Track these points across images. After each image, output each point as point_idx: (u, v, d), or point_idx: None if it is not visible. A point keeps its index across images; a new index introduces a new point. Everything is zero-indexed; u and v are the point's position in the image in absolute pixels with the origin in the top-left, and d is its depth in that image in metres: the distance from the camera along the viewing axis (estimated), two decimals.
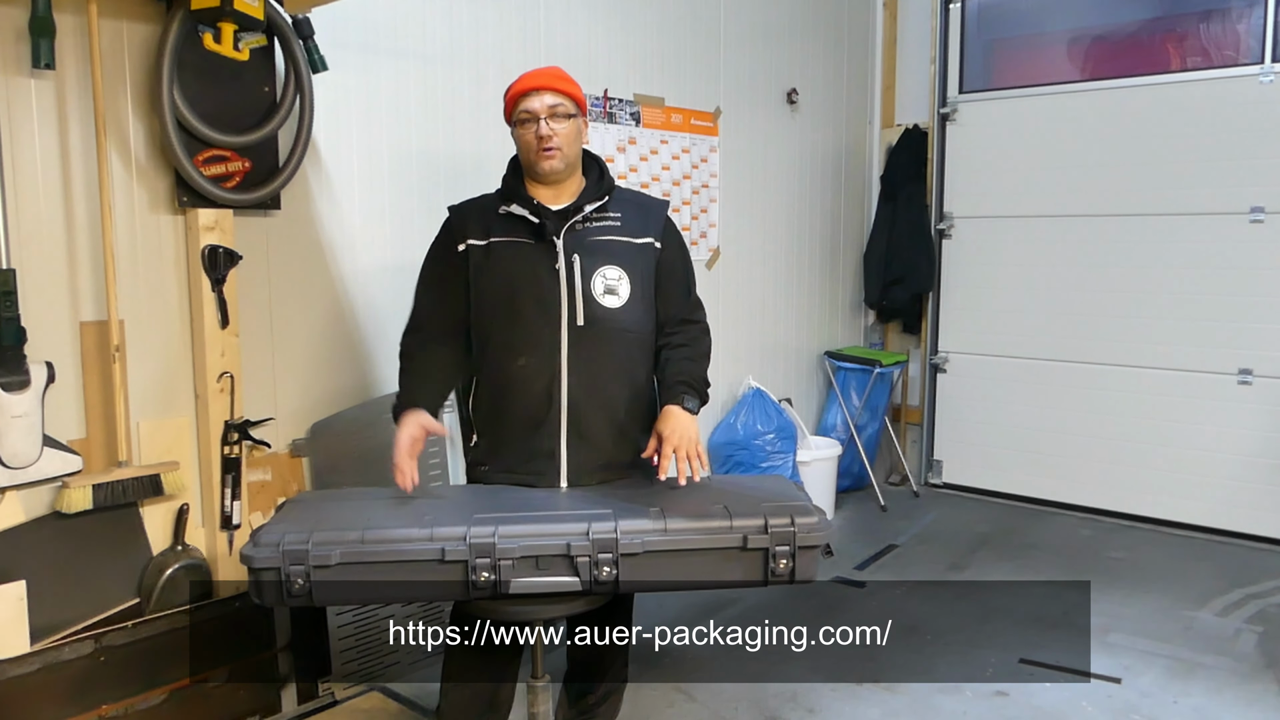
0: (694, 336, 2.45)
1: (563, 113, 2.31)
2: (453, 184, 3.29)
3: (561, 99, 2.31)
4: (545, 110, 2.29)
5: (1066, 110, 4.89)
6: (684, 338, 2.43)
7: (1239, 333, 4.50)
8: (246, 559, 1.94)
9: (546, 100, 2.29)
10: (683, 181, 4.33)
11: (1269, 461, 4.47)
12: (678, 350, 2.41)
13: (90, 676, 2.54)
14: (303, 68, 2.80)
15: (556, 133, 2.30)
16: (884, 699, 3.06)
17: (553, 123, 2.29)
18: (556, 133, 2.30)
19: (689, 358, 2.40)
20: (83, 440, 2.58)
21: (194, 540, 2.80)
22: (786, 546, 2.04)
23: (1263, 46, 4.35)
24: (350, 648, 3.06)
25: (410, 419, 2.30)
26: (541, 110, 2.29)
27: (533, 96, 2.30)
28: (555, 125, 2.30)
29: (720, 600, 3.79)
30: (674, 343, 2.42)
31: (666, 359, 2.40)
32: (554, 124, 2.30)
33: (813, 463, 4.70)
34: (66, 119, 2.49)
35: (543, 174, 2.33)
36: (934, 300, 5.41)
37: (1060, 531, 4.73)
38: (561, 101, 2.31)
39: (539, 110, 2.29)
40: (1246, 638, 3.50)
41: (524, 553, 1.99)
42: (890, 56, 5.55)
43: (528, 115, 2.30)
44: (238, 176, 2.74)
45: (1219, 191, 4.49)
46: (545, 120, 2.29)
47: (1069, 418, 5.00)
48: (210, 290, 2.72)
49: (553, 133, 2.29)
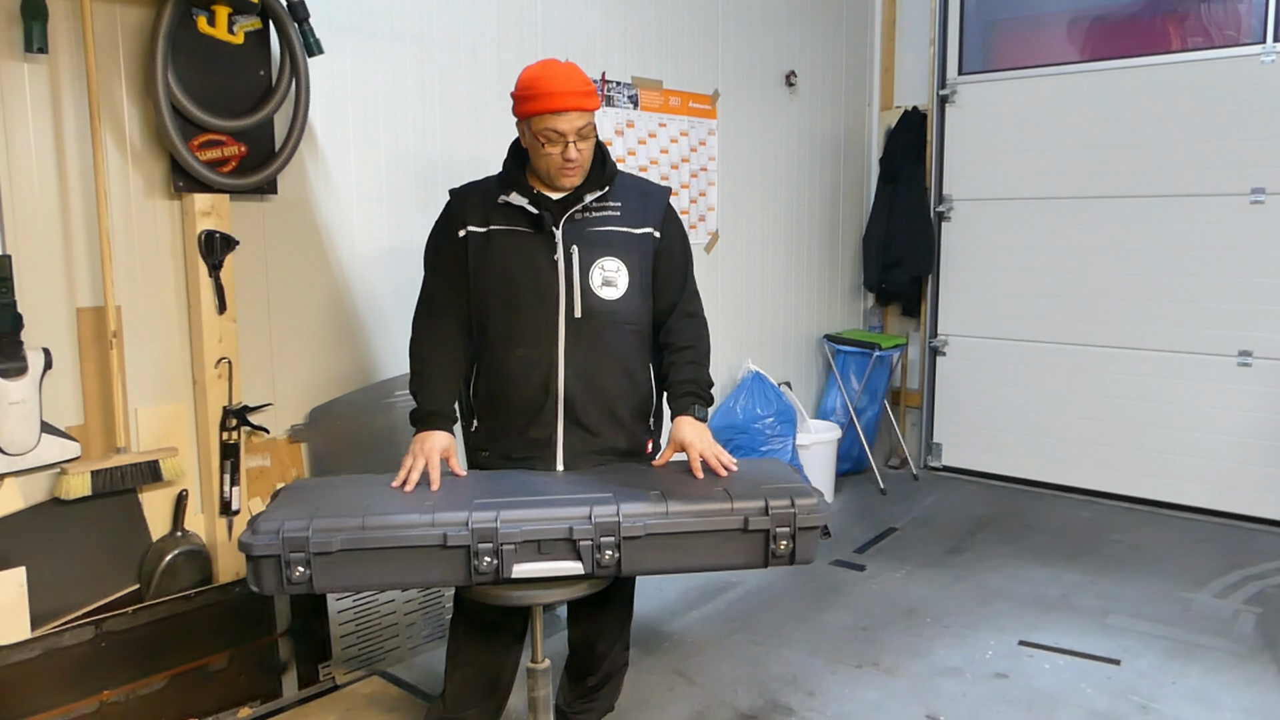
0: (697, 334, 2.45)
1: (588, 132, 2.25)
2: (449, 167, 3.28)
3: (587, 118, 2.24)
4: (574, 133, 2.22)
5: (1066, 92, 4.87)
6: (688, 337, 2.43)
7: (1239, 314, 4.50)
8: (245, 546, 1.94)
9: (576, 123, 2.21)
10: (681, 165, 4.31)
11: (1268, 443, 4.47)
12: (682, 353, 2.41)
13: (91, 662, 2.55)
14: (298, 51, 2.77)
15: (583, 152, 2.26)
16: (884, 681, 3.07)
17: (580, 144, 2.24)
18: (583, 152, 2.26)
19: (693, 361, 2.41)
20: (81, 427, 2.58)
21: (193, 526, 2.79)
22: (787, 528, 2.05)
23: (1264, 26, 4.33)
24: (351, 633, 3.06)
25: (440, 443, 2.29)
26: (570, 133, 2.22)
27: (561, 118, 2.20)
28: (581, 145, 2.25)
29: (720, 584, 3.80)
30: (677, 343, 2.42)
31: (671, 362, 2.41)
32: (580, 145, 2.24)
33: (812, 446, 4.70)
34: (60, 104, 2.48)
35: (562, 188, 2.31)
36: (933, 283, 5.40)
37: (1059, 514, 4.74)
38: (588, 121, 2.24)
39: (568, 133, 2.22)
40: (1245, 619, 3.51)
41: (526, 537, 1.98)
42: (889, 38, 5.52)
43: (556, 135, 2.22)
44: (234, 161, 2.73)
45: (1219, 173, 4.48)
46: (574, 143, 2.23)
47: (1068, 400, 5.00)
48: (207, 275, 2.71)
49: (580, 153, 2.25)
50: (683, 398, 2.36)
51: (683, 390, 2.36)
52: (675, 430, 2.33)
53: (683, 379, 2.38)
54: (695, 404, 2.34)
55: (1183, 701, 2.93)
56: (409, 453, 2.28)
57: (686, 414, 2.33)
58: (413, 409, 2.38)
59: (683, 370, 2.39)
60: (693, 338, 2.43)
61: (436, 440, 2.29)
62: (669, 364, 2.41)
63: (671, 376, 2.40)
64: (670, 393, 2.40)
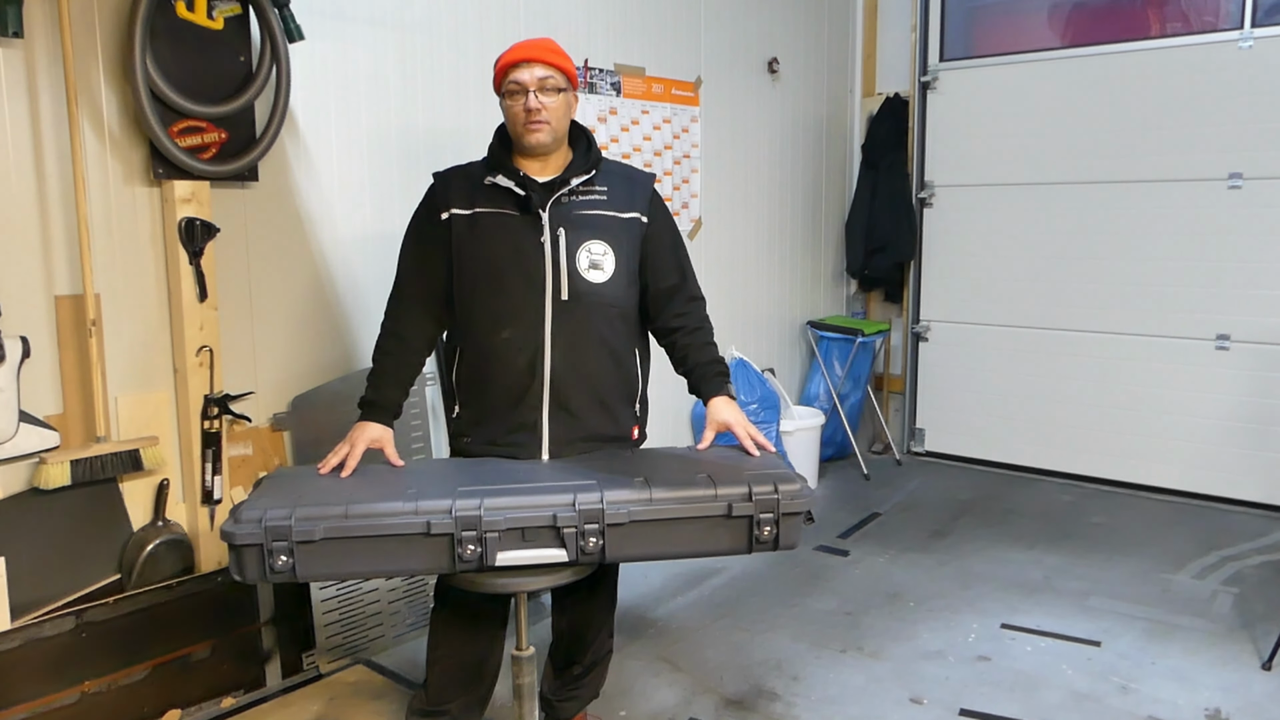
0: (703, 318, 2.49)
1: (553, 86, 2.27)
2: (432, 153, 3.26)
3: (552, 72, 2.27)
4: (535, 83, 2.25)
5: (1046, 77, 4.89)
6: (695, 319, 2.46)
7: (1217, 298, 4.53)
8: (227, 535, 1.92)
9: (537, 73, 2.25)
10: (664, 152, 4.30)
11: (1245, 426, 4.52)
12: (695, 334, 2.44)
13: (72, 653, 2.53)
14: (279, 36, 2.75)
15: (545, 106, 2.26)
16: (868, 665, 3.09)
17: (542, 96, 2.26)
18: (545, 106, 2.26)
19: (709, 342, 2.46)
20: (60, 416, 2.56)
21: (175, 515, 2.78)
22: (770, 514, 2.05)
23: (1242, 12, 4.35)
24: (334, 621, 3.06)
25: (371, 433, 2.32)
26: (531, 83, 2.25)
27: (523, 68, 2.25)
28: (545, 98, 2.26)
29: (705, 570, 3.82)
30: (689, 325, 2.44)
31: (687, 345, 2.43)
32: (543, 97, 2.26)
33: (796, 432, 4.72)
34: (36, 89, 2.45)
35: (529, 146, 2.31)
36: (915, 269, 5.43)
37: (1041, 497, 4.78)
38: (552, 74, 2.27)
39: (528, 83, 2.25)
40: (1222, 599, 3.55)
41: (510, 525, 1.98)
42: (871, 25, 5.52)
43: (516, 87, 2.26)
44: (214, 147, 2.71)
45: (1198, 158, 4.51)
46: (534, 93, 2.25)
47: (1049, 384, 5.04)
48: (188, 263, 2.69)
49: (541, 105, 2.25)
50: (714, 379, 2.40)
51: (711, 371, 2.41)
52: (714, 411, 2.37)
53: (706, 360, 2.42)
54: (727, 384, 2.40)
55: (1162, 681, 2.97)
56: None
57: (722, 394, 2.38)
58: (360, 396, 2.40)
59: (704, 351, 2.43)
60: (701, 321, 2.47)
61: (367, 430, 2.32)
62: (685, 345, 2.44)
63: (693, 358, 2.43)
64: (697, 374, 2.43)
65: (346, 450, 2.26)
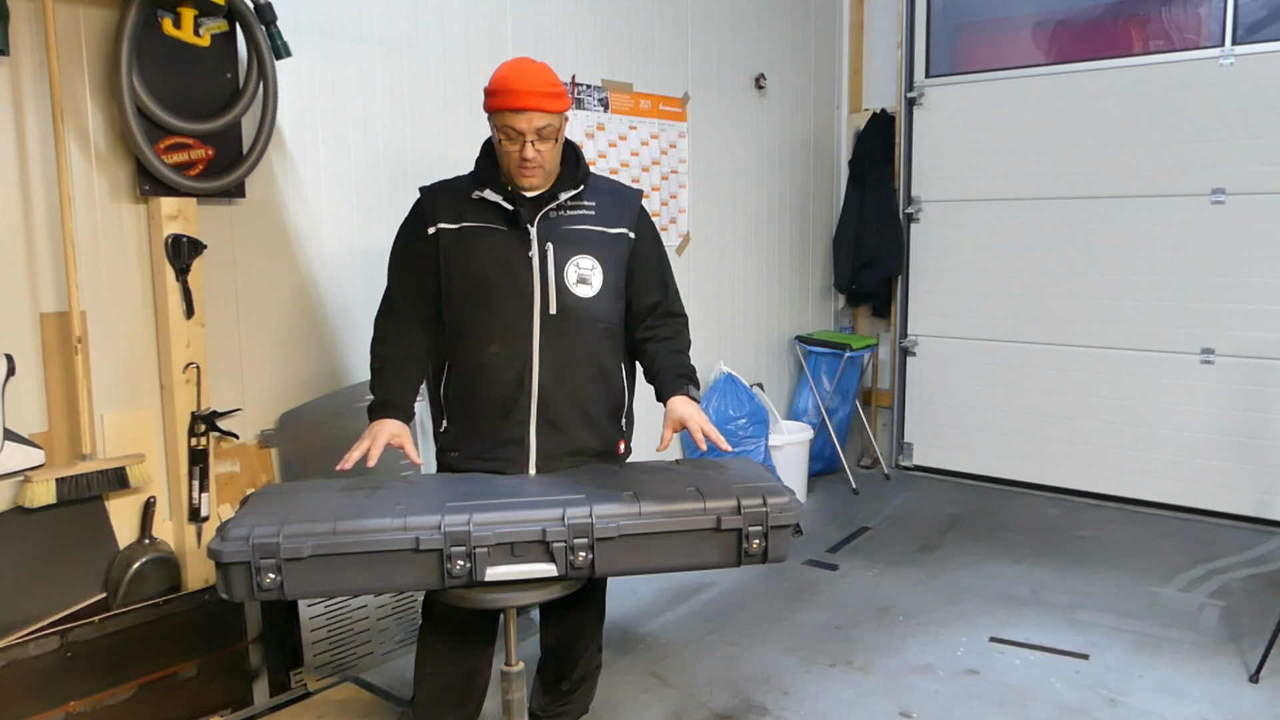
0: (677, 330, 2.47)
1: (549, 133, 2.23)
2: (419, 170, 3.26)
3: (550, 119, 2.22)
4: (532, 133, 2.21)
5: (1031, 94, 4.93)
6: (669, 330, 2.45)
7: (1201, 313, 4.56)
8: (214, 553, 1.92)
9: (535, 123, 2.20)
10: (651, 167, 4.32)
11: (1230, 439, 4.54)
12: (665, 343, 2.43)
13: (57, 672, 2.51)
14: (265, 54, 2.75)
15: (542, 153, 2.24)
16: (857, 679, 3.09)
17: (539, 144, 2.22)
18: (542, 153, 2.24)
19: (678, 350, 2.44)
20: (45, 434, 2.54)
21: (161, 533, 2.76)
22: (759, 526, 2.06)
23: (1223, 29, 4.40)
24: (323, 639, 3.04)
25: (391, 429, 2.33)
26: (529, 133, 2.20)
27: (520, 117, 2.19)
28: (541, 146, 2.23)
29: (695, 584, 3.81)
30: (660, 335, 2.43)
31: (655, 351, 2.42)
32: (540, 145, 2.23)
33: (785, 447, 4.72)
34: (22, 106, 2.44)
35: (520, 188, 2.31)
36: (903, 284, 5.45)
37: (1029, 511, 4.79)
38: (549, 122, 2.22)
39: (526, 132, 2.20)
40: (1209, 612, 3.56)
41: (499, 540, 1.98)
42: (857, 41, 5.56)
43: (514, 133, 2.21)
44: (201, 164, 2.70)
45: (1181, 174, 4.55)
46: (532, 143, 2.21)
47: (1036, 399, 5.06)
48: (174, 280, 2.68)
49: (538, 154, 2.23)
50: (675, 380, 2.38)
51: (673, 374, 2.39)
52: (671, 409, 2.34)
53: (670, 365, 2.40)
54: (688, 385, 2.37)
55: (1150, 694, 2.97)
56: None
57: (680, 394, 2.35)
58: (370, 402, 2.38)
59: (669, 357, 2.41)
60: (675, 332, 2.46)
61: (387, 426, 2.32)
62: (653, 353, 2.42)
63: (659, 363, 2.41)
64: (660, 378, 2.41)
65: (368, 444, 2.26)
